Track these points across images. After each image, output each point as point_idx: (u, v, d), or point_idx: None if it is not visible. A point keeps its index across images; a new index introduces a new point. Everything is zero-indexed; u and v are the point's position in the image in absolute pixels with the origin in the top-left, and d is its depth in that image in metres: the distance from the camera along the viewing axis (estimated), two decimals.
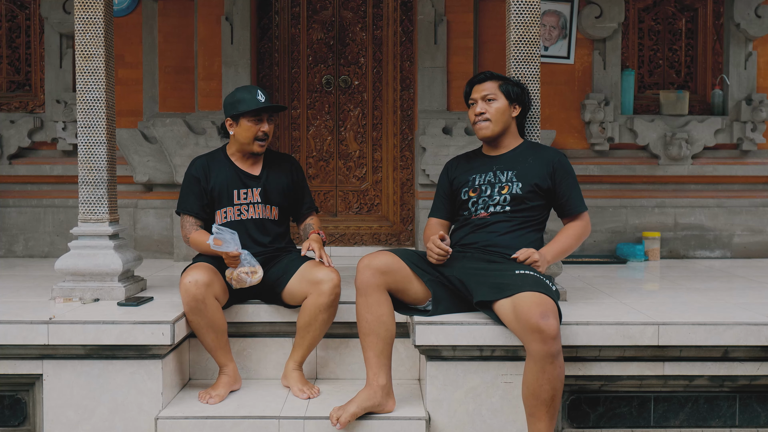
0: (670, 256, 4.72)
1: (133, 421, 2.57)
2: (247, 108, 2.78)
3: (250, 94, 2.80)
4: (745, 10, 4.67)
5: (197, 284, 2.56)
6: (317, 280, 2.65)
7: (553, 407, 2.23)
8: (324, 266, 2.70)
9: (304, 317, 2.68)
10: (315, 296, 2.65)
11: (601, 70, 4.74)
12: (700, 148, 4.69)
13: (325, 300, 2.64)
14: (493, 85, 2.71)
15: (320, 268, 2.69)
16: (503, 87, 2.70)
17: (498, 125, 2.70)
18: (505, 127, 2.72)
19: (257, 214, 2.87)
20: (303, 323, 2.69)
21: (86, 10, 2.94)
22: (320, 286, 2.64)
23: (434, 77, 4.59)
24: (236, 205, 2.86)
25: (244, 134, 2.83)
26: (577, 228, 2.66)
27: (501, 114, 2.70)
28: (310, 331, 2.69)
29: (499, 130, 2.71)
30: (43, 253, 4.68)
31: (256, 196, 2.88)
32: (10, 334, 2.53)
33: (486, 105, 2.70)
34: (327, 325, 2.71)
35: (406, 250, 2.66)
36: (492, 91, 2.70)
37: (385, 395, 2.48)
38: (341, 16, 4.80)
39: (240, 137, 2.84)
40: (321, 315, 2.66)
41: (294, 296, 2.75)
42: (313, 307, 2.65)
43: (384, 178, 4.84)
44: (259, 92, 2.81)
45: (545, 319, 2.17)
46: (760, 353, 2.54)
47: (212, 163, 2.90)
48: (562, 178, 2.65)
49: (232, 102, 2.83)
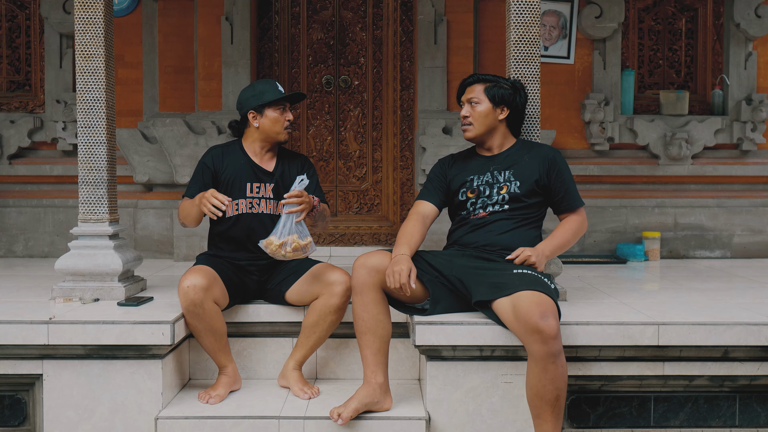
0: (670, 256, 4.72)
1: (133, 421, 2.57)
2: (272, 97, 2.80)
3: (270, 86, 2.84)
4: (745, 10, 4.67)
5: (195, 288, 2.55)
6: (330, 281, 2.66)
7: (558, 407, 2.24)
8: (337, 269, 2.71)
9: (312, 317, 2.69)
10: (326, 297, 2.65)
11: (601, 70, 4.74)
12: (700, 148, 4.70)
13: (337, 301, 2.65)
14: (479, 88, 2.71)
15: (334, 270, 2.71)
16: (488, 90, 2.70)
17: (481, 128, 2.70)
18: (489, 129, 2.72)
19: (268, 210, 2.85)
20: (310, 322, 2.69)
21: (86, 10, 2.94)
22: (333, 288, 2.64)
23: (434, 77, 4.59)
24: (248, 198, 2.84)
25: (270, 124, 2.83)
26: (574, 223, 2.66)
27: (484, 117, 2.70)
28: (316, 331, 2.69)
29: (482, 133, 2.71)
30: (43, 253, 4.68)
31: (268, 191, 2.86)
32: (10, 334, 2.53)
33: (470, 108, 2.71)
34: (333, 327, 2.71)
35: None
36: (476, 94, 2.71)
37: (382, 393, 2.48)
38: (341, 16, 4.80)
39: (266, 128, 2.84)
40: (330, 316, 2.66)
41: (301, 296, 2.76)
42: (324, 307, 2.66)
43: (384, 178, 4.84)
44: (277, 84, 2.88)
45: (545, 319, 2.17)
46: (760, 353, 2.54)
47: (227, 154, 2.88)
48: (557, 174, 2.66)
49: (255, 94, 2.84)
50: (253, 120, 2.85)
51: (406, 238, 2.59)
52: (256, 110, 2.83)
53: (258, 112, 2.84)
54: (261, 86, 2.86)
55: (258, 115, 2.84)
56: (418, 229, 2.65)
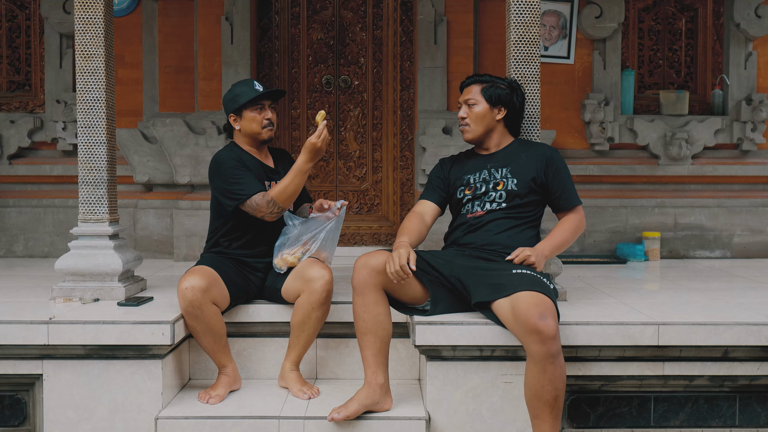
0: (670, 256, 4.72)
1: (133, 421, 2.57)
2: (246, 98, 2.79)
3: (247, 86, 2.83)
4: (745, 10, 4.67)
5: (194, 290, 2.55)
6: (309, 278, 2.65)
7: (556, 408, 2.23)
8: (316, 264, 2.70)
9: (297, 315, 2.68)
10: (307, 294, 2.65)
11: (601, 70, 4.74)
12: (700, 148, 4.70)
13: (317, 297, 2.63)
14: (476, 89, 2.74)
15: (312, 266, 2.69)
16: (485, 91, 2.72)
17: (478, 129, 2.73)
18: (487, 129, 2.74)
19: None
20: (297, 321, 2.69)
21: (86, 10, 2.94)
22: (312, 284, 2.63)
23: (434, 77, 4.59)
24: None
25: (249, 125, 2.83)
26: (572, 221, 2.66)
27: (481, 118, 2.72)
28: (305, 329, 2.69)
29: (480, 133, 2.74)
30: (43, 253, 4.68)
31: None
32: (10, 334, 2.53)
33: (468, 109, 2.73)
34: (321, 322, 2.71)
35: None
36: (473, 95, 2.73)
37: (383, 394, 2.48)
38: (341, 16, 4.80)
39: (247, 129, 2.84)
40: (314, 313, 2.66)
41: (290, 294, 2.76)
42: (306, 304, 2.65)
43: (384, 178, 4.84)
44: (256, 83, 2.84)
45: (543, 319, 2.17)
46: (760, 353, 2.54)
47: (240, 155, 2.85)
48: (554, 172, 2.66)
49: (232, 98, 2.84)
50: (234, 123, 2.87)
51: (407, 231, 2.63)
52: (235, 113, 2.84)
53: (237, 115, 2.85)
54: (238, 88, 2.85)
55: (238, 118, 2.85)
56: (416, 224, 2.68)
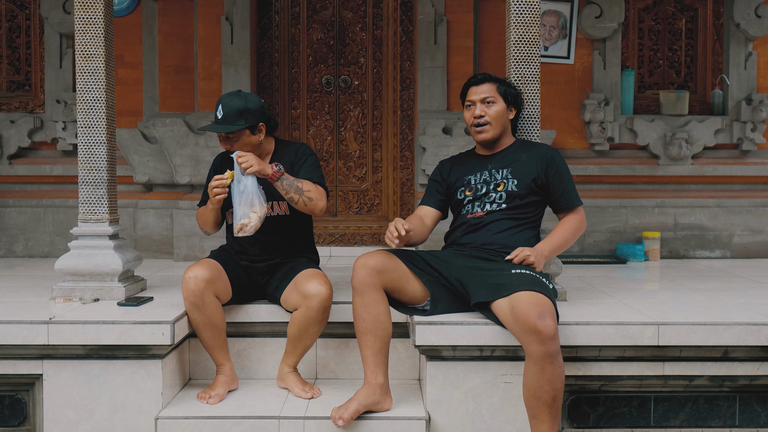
0: (670, 256, 4.72)
1: (133, 421, 2.57)
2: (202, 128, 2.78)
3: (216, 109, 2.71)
4: (745, 10, 4.67)
5: (197, 279, 2.57)
6: (306, 293, 2.60)
7: (555, 408, 2.23)
8: (315, 279, 2.63)
9: (294, 329, 2.65)
10: (304, 310, 2.61)
11: (601, 70, 4.74)
12: (700, 148, 4.70)
13: (314, 315, 2.60)
14: (491, 88, 2.71)
15: (311, 281, 2.63)
16: (501, 89, 2.71)
17: (498, 128, 2.71)
18: (504, 129, 2.74)
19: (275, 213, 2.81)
20: (294, 334, 2.66)
21: (86, 10, 2.94)
22: (309, 302, 2.59)
23: (434, 77, 4.59)
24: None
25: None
26: (572, 222, 2.65)
27: (500, 117, 2.71)
28: (302, 340, 2.67)
29: (499, 133, 2.73)
30: (43, 253, 4.68)
31: None
32: (10, 334, 2.53)
33: (485, 108, 2.70)
34: (318, 334, 2.69)
35: (405, 249, 2.65)
36: (491, 93, 2.70)
37: (383, 393, 2.48)
38: (341, 16, 4.80)
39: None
40: (311, 328, 2.64)
41: (288, 304, 2.74)
42: (303, 320, 2.62)
43: (384, 178, 4.84)
44: (220, 107, 2.68)
45: (542, 320, 2.17)
46: (760, 353, 2.54)
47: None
48: (555, 172, 2.66)
49: None
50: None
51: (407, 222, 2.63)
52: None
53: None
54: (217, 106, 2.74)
55: None
56: (417, 224, 2.70)
